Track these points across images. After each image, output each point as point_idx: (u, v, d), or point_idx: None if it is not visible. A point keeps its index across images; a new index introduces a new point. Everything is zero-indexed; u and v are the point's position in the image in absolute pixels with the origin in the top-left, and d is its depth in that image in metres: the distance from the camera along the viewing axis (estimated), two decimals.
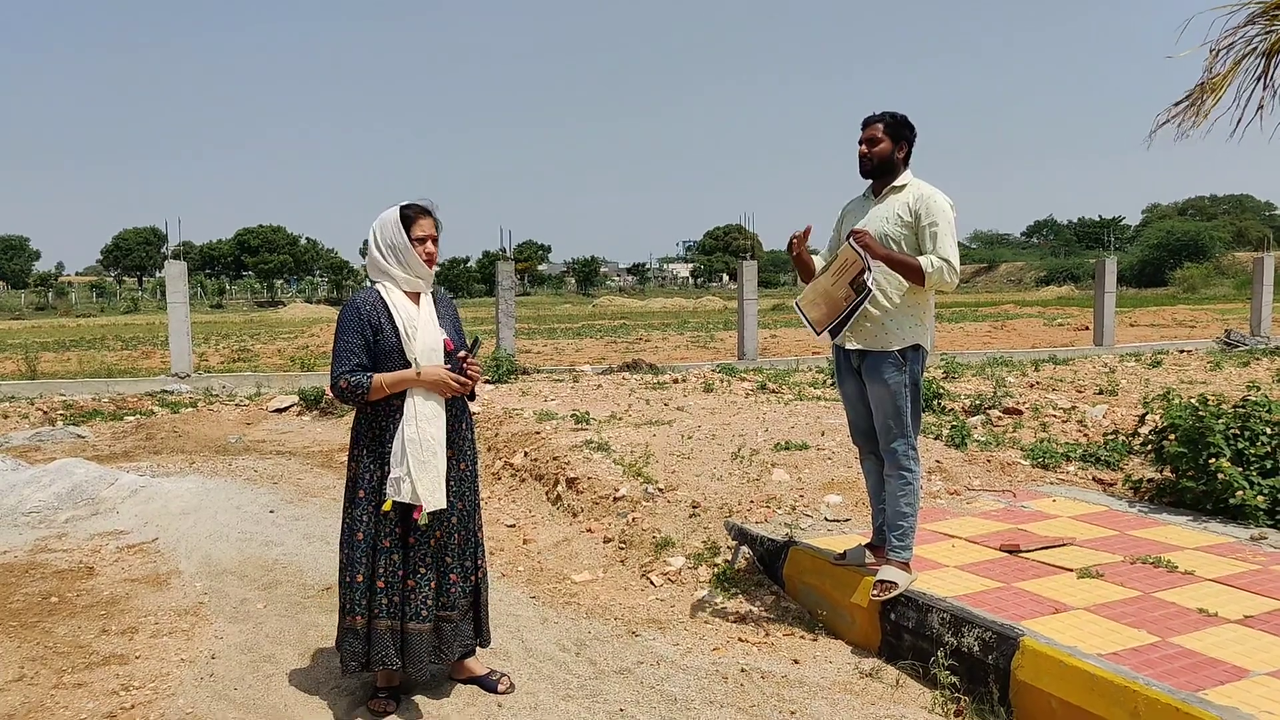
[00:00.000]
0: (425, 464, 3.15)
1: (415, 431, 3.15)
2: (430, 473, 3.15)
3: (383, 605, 3.17)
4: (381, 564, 3.17)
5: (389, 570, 3.18)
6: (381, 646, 3.17)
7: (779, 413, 7.47)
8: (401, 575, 3.20)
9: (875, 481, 4.00)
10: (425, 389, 3.19)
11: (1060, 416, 7.47)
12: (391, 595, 3.18)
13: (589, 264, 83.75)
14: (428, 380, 3.18)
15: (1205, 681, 2.88)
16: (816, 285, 3.81)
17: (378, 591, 3.17)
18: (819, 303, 3.80)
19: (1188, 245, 55.94)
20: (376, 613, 3.17)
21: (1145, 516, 4.84)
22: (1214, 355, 13.04)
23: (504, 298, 14.22)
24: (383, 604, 3.17)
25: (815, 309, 3.82)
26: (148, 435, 8.91)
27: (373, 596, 3.17)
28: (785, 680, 3.47)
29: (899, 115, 3.78)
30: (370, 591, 3.17)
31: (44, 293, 63.10)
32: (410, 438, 3.15)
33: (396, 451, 3.15)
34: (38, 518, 5.72)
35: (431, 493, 3.15)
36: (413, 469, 3.12)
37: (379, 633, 3.17)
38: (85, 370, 15.33)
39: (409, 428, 3.15)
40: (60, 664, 3.64)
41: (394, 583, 3.19)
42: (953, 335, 21.38)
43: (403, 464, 3.13)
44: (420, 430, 3.16)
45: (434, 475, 3.16)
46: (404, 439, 3.14)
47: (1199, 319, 25.24)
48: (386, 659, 3.17)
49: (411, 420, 3.16)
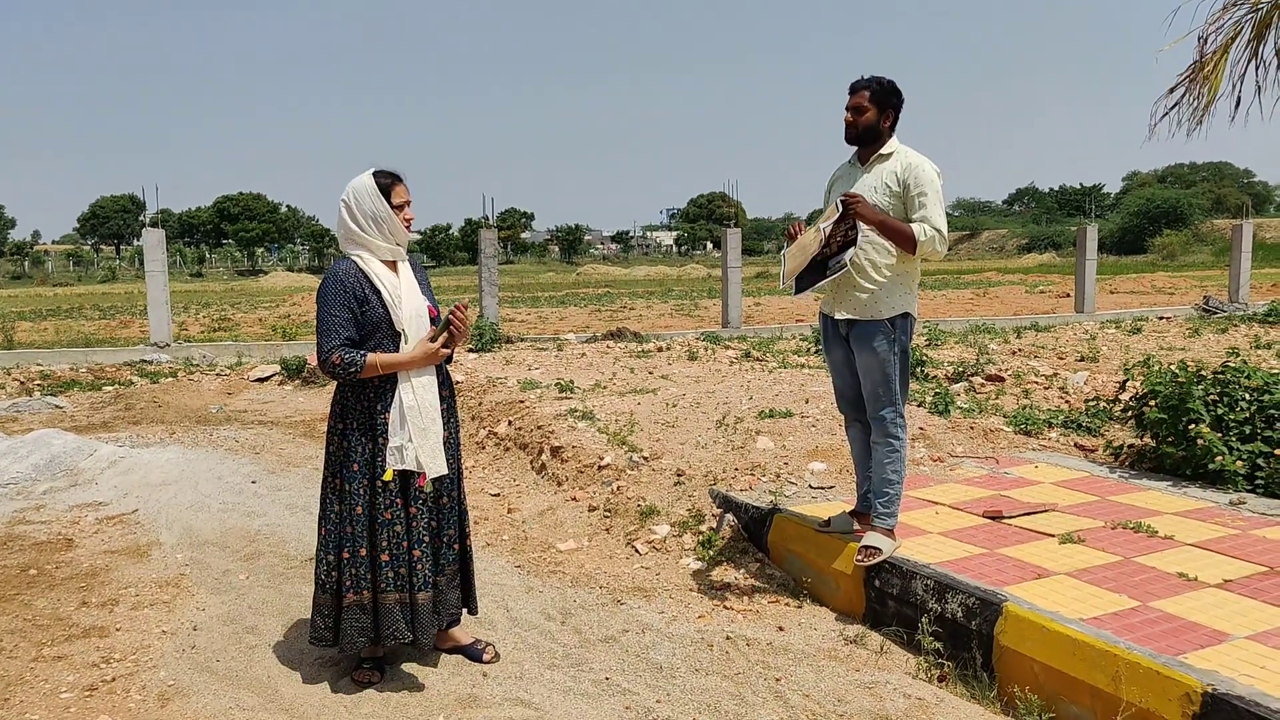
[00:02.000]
0: (425, 430, 3.14)
1: (413, 399, 3.13)
2: (431, 439, 3.15)
3: (389, 578, 3.13)
4: (384, 537, 3.13)
5: (393, 543, 3.14)
6: (391, 620, 3.13)
7: (763, 380, 7.47)
8: (406, 546, 3.17)
9: (860, 449, 4.00)
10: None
11: (1042, 383, 7.51)
12: (398, 568, 3.15)
13: (573, 232, 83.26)
14: (418, 361, 3.14)
15: (1185, 645, 2.91)
16: (802, 238, 3.80)
17: (382, 565, 3.13)
18: (795, 254, 3.79)
19: (1167, 213, 56.24)
20: (383, 587, 3.13)
21: (1126, 482, 4.88)
22: (1193, 322, 13.15)
23: (487, 266, 14.11)
24: (389, 577, 3.13)
25: (792, 260, 3.82)
26: (127, 405, 8.81)
27: (377, 571, 3.13)
28: (770, 647, 3.48)
29: (886, 82, 3.73)
30: (374, 566, 3.14)
31: (20, 261, 62.17)
32: (410, 405, 3.12)
33: (394, 420, 3.12)
34: (15, 489, 5.65)
35: (433, 458, 3.14)
36: (414, 436, 3.10)
37: (387, 606, 3.13)
38: (63, 340, 15.13)
39: (406, 395, 3.13)
40: (40, 637, 3.60)
41: (399, 554, 3.15)
42: (935, 303, 21.45)
43: (403, 431, 3.11)
44: (418, 397, 3.14)
45: (434, 441, 3.15)
46: (403, 407, 3.11)
47: (1178, 286, 25.45)
48: (398, 632, 3.14)
49: (408, 388, 3.14)
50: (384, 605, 3.14)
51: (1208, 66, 6.52)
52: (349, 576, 3.14)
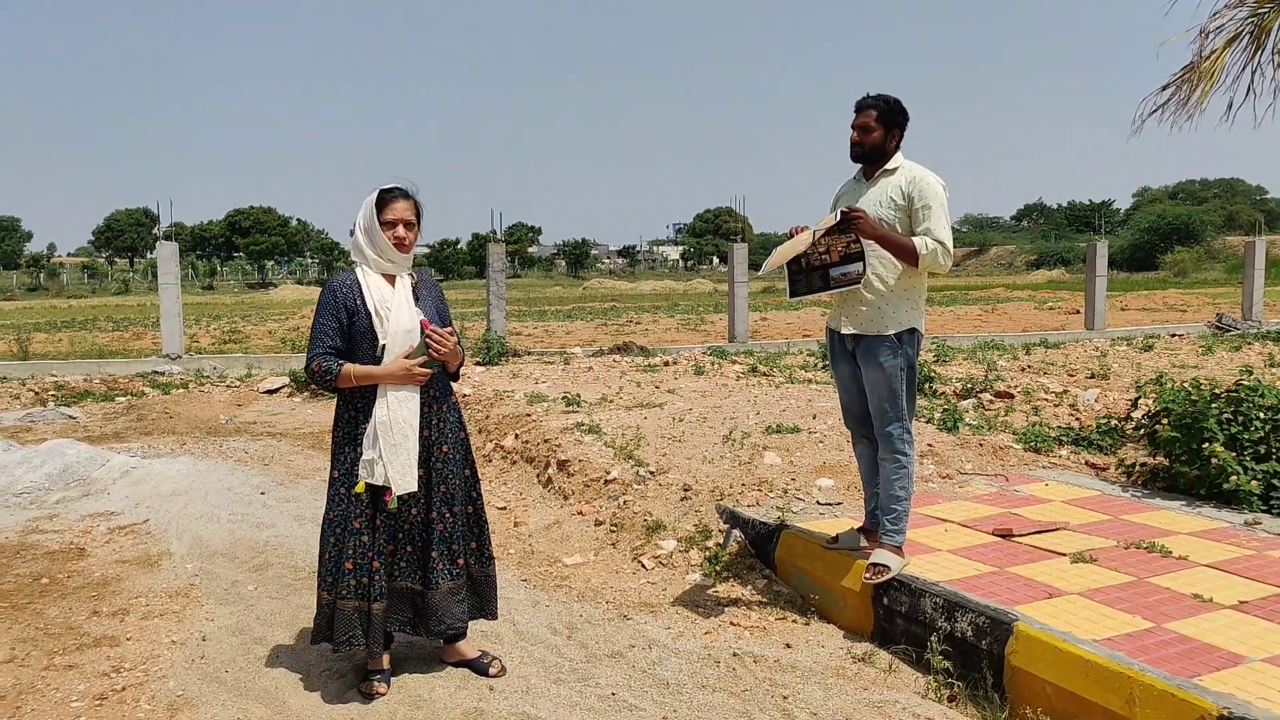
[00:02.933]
0: (396, 447, 3.16)
1: (386, 414, 3.17)
2: (401, 455, 3.16)
3: (350, 586, 3.18)
4: (351, 545, 3.18)
5: (357, 552, 3.18)
6: (348, 627, 3.18)
7: (770, 395, 7.46)
8: (369, 557, 3.20)
9: (868, 465, 3.99)
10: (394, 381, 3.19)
11: (1052, 400, 7.47)
12: (360, 576, 3.19)
13: (579, 246, 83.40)
14: (393, 377, 3.17)
15: (1200, 668, 2.88)
16: (799, 237, 3.78)
17: (345, 573, 3.18)
18: (786, 250, 3.77)
19: (1178, 229, 55.92)
20: (343, 593, 3.18)
21: (1138, 501, 4.85)
22: (1206, 339, 13.08)
23: (495, 280, 14.15)
24: (350, 585, 3.18)
25: (779, 254, 3.79)
26: (139, 416, 8.85)
27: (339, 577, 3.18)
28: (778, 664, 3.46)
29: (892, 101, 3.74)
30: (337, 571, 3.19)
31: (36, 273, 62.61)
32: (381, 420, 3.16)
33: (369, 434, 3.17)
34: (29, 498, 5.68)
35: (402, 475, 3.16)
36: (384, 451, 3.13)
37: (345, 613, 3.18)
38: (77, 351, 15.22)
39: (380, 410, 3.17)
40: (51, 645, 3.62)
41: (362, 564, 3.19)
42: (943, 318, 21.41)
43: (375, 446, 3.15)
44: (391, 413, 3.17)
45: (405, 458, 3.17)
46: (375, 422, 3.16)
47: (1190, 303, 25.33)
48: (353, 639, 3.18)
49: (383, 403, 3.18)
50: (341, 611, 3.18)
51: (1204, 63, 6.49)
52: (319, 575, 3.24)
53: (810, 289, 3.76)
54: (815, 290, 3.75)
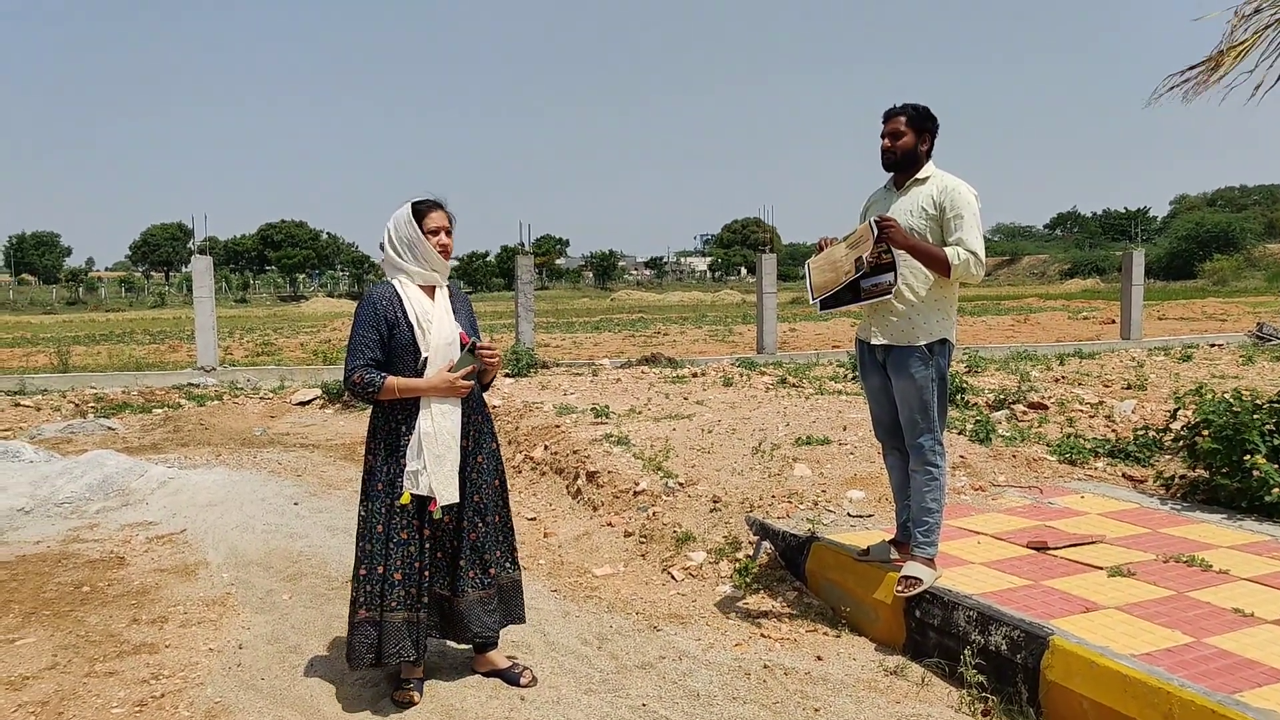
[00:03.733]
0: (441, 458, 3.18)
1: (431, 426, 3.18)
2: (445, 466, 3.19)
3: (399, 598, 3.18)
4: (399, 557, 3.19)
5: (406, 563, 3.20)
6: (397, 640, 3.18)
7: (800, 407, 7.43)
8: (418, 568, 3.22)
9: (899, 477, 3.96)
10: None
11: (1087, 412, 7.37)
12: (409, 587, 3.20)
13: (607, 258, 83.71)
14: (437, 390, 3.20)
15: (1242, 683, 2.83)
16: (831, 253, 3.78)
17: (394, 584, 3.18)
18: (825, 269, 3.77)
19: (1217, 237, 54.98)
20: (393, 605, 3.18)
21: (1178, 514, 4.77)
22: (1246, 349, 12.84)
23: (523, 292, 14.25)
24: (399, 596, 3.18)
25: (821, 274, 3.79)
26: (175, 427, 9.01)
27: (389, 589, 3.18)
28: (809, 677, 3.45)
29: (922, 108, 3.73)
30: (385, 584, 3.19)
31: (74, 288, 63.97)
32: (426, 432, 3.18)
33: (413, 445, 3.18)
34: (70, 508, 5.80)
35: (445, 486, 3.18)
36: (429, 463, 3.15)
37: (395, 625, 3.18)
38: (115, 364, 15.52)
39: (424, 422, 3.18)
40: (92, 652, 3.69)
41: (411, 575, 3.21)
42: (975, 329, 21.20)
43: (419, 458, 3.16)
44: (435, 424, 3.19)
45: (449, 469, 3.20)
46: (419, 433, 3.17)
47: (1230, 312, 24.86)
48: (403, 651, 3.19)
49: (427, 415, 3.19)
50: (391, 624, 3.19)
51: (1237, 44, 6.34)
52: (363, 594, 3.21)
53: (839, 302, 3.74)
54: (844, 303, 3.72)
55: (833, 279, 3.72)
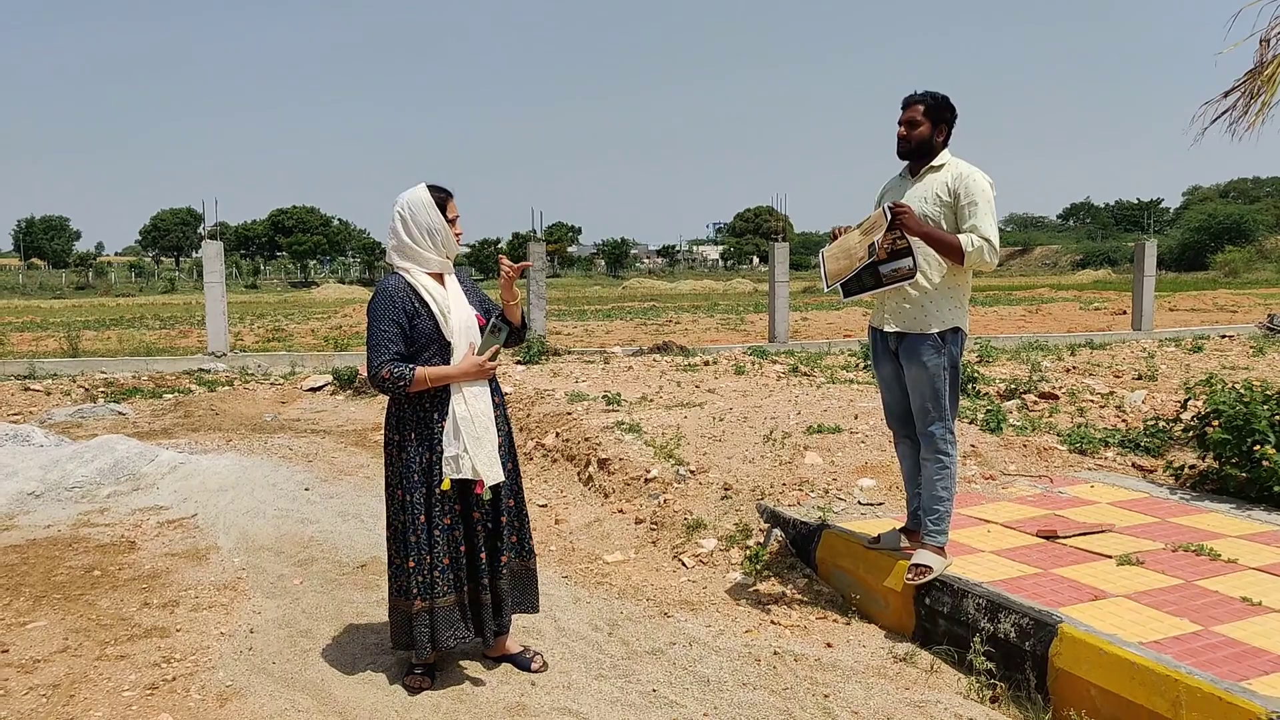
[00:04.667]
0: (480, 439, 3.19)
1: (466, 409, 3.19)
2: (486, 447, 3.20)
3: (450, 581, 3.20)
4: (444, 542, 3.19)
5: (452, 547, 3.21)
6: (450, 624, 3.20)
7: (811, 395, 7.42)
8: (465, 551, 3.23)
9: (910, 465, 3.96)
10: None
11: (1098, 402, 7.34)
12: (459, 571, 3.22)
13: (619, 246, 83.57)
14: (466, 375, 3.20)
15: (1249, 671, 2.82)
16: (844, 240, 3.77)
17: (444, 569, 3.19)
18: (839, 256, 3.75)
19: (1230, 228, 54.56)
20: (444, 590, 3.19)
21: (1187, 504, 4.75)
22: (1257, 340, 12.75)
23: (535, 279, 14.25)
24: (450, 580, 3.20)
25: (835, 262, 3.77)
26: (186, 413, 9.05)
27: (438, 575, 3.19)
28: (819, 663, 3.45)
29: (940, 96, 3.70)
30: (433, 571, 3.19)
31: (84, 272, 64.20)
32: (462, 415, 3.18)
33: (449, 430, 3.18)
34: (80, 492, 5.84)
35: (489, 466, 3.19)
36: (469, 445, 3.16)
37: (446, 609, 3.20)
38: (125, 349, 15.60)
39: (459, 406, 3.18)
40: (103, 636, 3.72)
41: (457, 558, 3.22)
42: (987, 319, 21.11)
43: (458, 441, 3.16)
44: (470, 407, 3.20)
45: (489, 450, 3.21)
46: (455, 417, 3.17)
47: (1241, 303, 24.70)
48: (459, 633, 3.21)
49: (460, 399, 3.20)
50: (442, 609, 3.20)
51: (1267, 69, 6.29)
52: (415, 584, 3.20)
53: (862, 287, 3.70)
54: (868, 288, 3.68)
55: (847, 265, 3.71)
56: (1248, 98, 6.34)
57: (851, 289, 3.74)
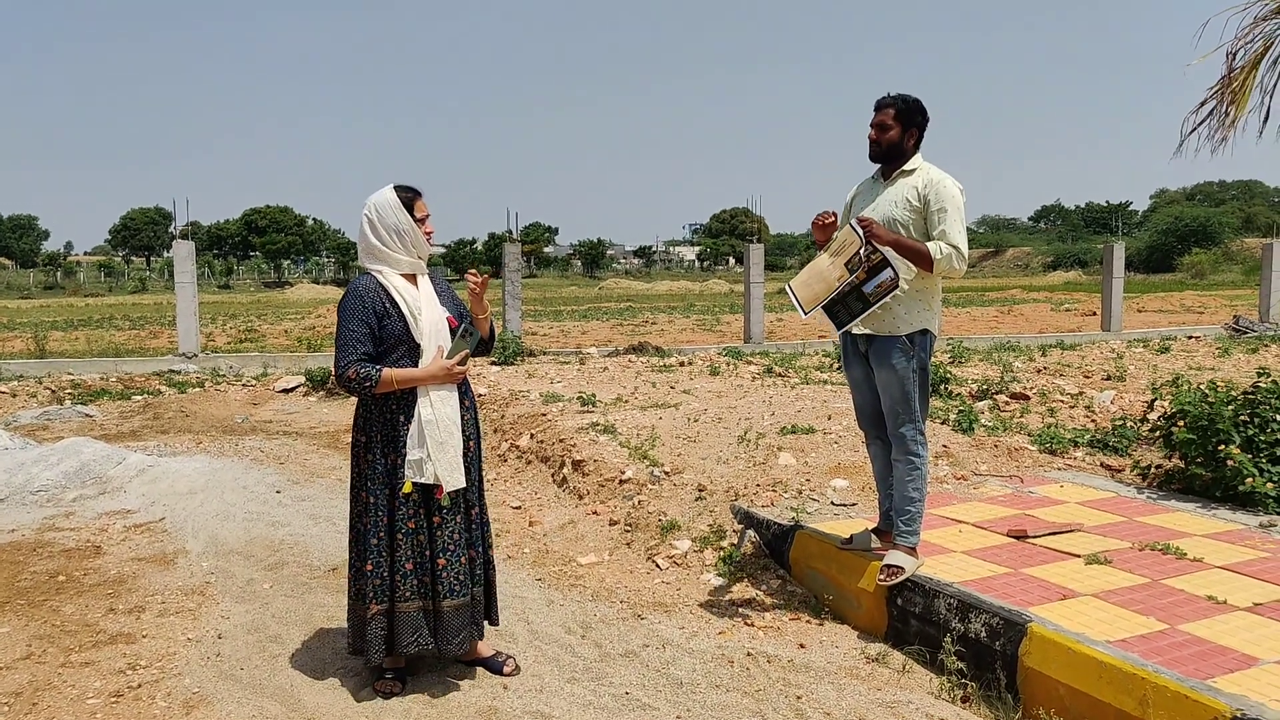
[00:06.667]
0: (443, 444, 3.16)
1: (431, 413, 3.16)
2: (449, 453, 3.16)
3: (413, 586, 3.16)
4: (409, 546, 3.16)
5: (416, 551, 3.17)
6: (413, 629, 3.16)
7: (785, 396, 7.45)
8: (429, 555, 3.19)
9: (882, 466, 3.98)
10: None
11: (1068, 402, 7.43)
12: (422, 576, 3.18)
13: (595, 246, 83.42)
14: (434, 378, 3.18)
15: (1214, 669, 2.87)
16: (814, 265, 3.77)
17: (406, 574, 3.16)
18: (811, 283, 3.75)
19: (1196, 231, 55.46)
20: (406, 595, 3.16)
21: (1154, 503, 4.82)
22: (1222, 341, 12.97)
23: (510, 280, 14.19)
24: (413, 585, 3.16)
25: (806, 289, 3.77)
26: (155, 415, 8.93)
27: (399, 580, 3.16)
28: (791, 664, 3.47)
29: (911, 100, 3.73)
30: (394, 576, 3.16)
31: (52, 272, 63.17)
32: (428, 419, 3.15)
33: (414, 434, 3.15)
34: (45, 496, 5.74)
35: (451, 472, 3.16)
36: (431, 450, 3.13)
37: (409, 615, 3.16)
38: (93, 350, 15.35)
39: (424, 410, 3.16)
40: (68, 642, 3.65)
41: (423, 563, 3.19)
42: (959, 320, 21.31)
43: (422, 446, 3.13)
44: (436, 411, 3.17)
45: (452, 455, 3.17)
46: (420, 421, 3.15)
47: (1207, 305, 25.10)
48: (420, 639, 3.16)
49: (426, 402, 3.17)
50: (404, 614, 3.16)
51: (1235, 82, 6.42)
52: (372, 588, 3.17)
53: (853, 314, 3.66)
54: (857, 314, 3.64)
55: (823, 290, 3.69)
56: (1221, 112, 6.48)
57: (842, 319, 3.70)
